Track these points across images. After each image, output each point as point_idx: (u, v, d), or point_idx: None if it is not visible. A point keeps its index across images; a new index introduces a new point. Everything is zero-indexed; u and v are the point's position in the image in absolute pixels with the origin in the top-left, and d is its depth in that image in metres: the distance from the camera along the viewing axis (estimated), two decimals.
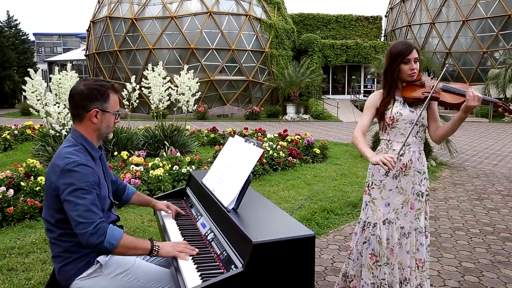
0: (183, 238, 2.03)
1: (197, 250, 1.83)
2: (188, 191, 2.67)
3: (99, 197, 1.80)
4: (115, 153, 7.08)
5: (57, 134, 7.15)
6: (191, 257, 1.78)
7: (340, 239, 4.13)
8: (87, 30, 26.99)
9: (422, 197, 2.49)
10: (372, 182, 2.52)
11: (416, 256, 2.48)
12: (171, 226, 2.23)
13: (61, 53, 46.17)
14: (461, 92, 2.30)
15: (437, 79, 2.41)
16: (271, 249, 1.50)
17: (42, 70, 38.47)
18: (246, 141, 2.13)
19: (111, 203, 2.02)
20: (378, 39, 31.38)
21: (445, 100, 2.36)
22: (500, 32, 23.61)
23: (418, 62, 2.40)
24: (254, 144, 2.00)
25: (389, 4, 32.59)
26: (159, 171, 5.45)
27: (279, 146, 7.86)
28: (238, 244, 1.61)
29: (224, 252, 1.71)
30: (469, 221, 4.77)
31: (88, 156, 1.85)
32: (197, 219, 2.24)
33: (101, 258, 1.81)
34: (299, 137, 9.09)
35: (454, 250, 3.88)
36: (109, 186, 2.02)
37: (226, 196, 1.97)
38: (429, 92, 2.34)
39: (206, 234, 1.99)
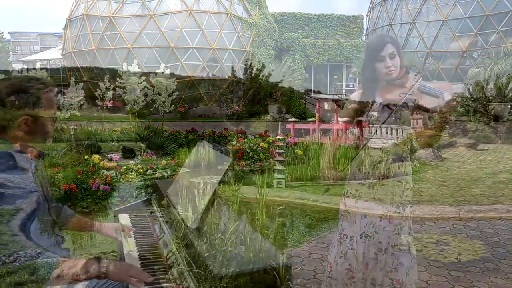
0: (140, 261, 1.74)
1: (152, 278, 1.54)
2: (153, 202, 2.38)
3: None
4: (86, 156, 6.71)
5: None
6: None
7: (323, 247, 3.90)
8: (64, 29, 26.23)
9: (404, 210, 2.20)
10: (347, 190, 2.25)
11: (392, 275, 2.19)
12: (129, 243, 1.94)
13: (38, 52, 44.88)
14: (439, 93, 2.05)
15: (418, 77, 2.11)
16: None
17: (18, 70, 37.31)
18: (213, 148, 1.86)
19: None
20: (360, 39, 31.42)
21: (423, 104, 2.09)
22: (479, 32, 23.89)
23: (396, 58, 2.08)
24: (221, 152, 1.73)
25: (370, 3, 32.71)
26: (131, 176, 5.12)
27: (259, 148, 7.59)
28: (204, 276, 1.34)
29: (184, 283, 1.43)
30: (455, 225, 4.60)
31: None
32: (160, 237, 1.95)
33: None
34: (280, 137, 8.83)
35: (442, 257, 3.68)
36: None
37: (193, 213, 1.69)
38: (406, 94, 2.05)
39: (168, 257, 1.71)
